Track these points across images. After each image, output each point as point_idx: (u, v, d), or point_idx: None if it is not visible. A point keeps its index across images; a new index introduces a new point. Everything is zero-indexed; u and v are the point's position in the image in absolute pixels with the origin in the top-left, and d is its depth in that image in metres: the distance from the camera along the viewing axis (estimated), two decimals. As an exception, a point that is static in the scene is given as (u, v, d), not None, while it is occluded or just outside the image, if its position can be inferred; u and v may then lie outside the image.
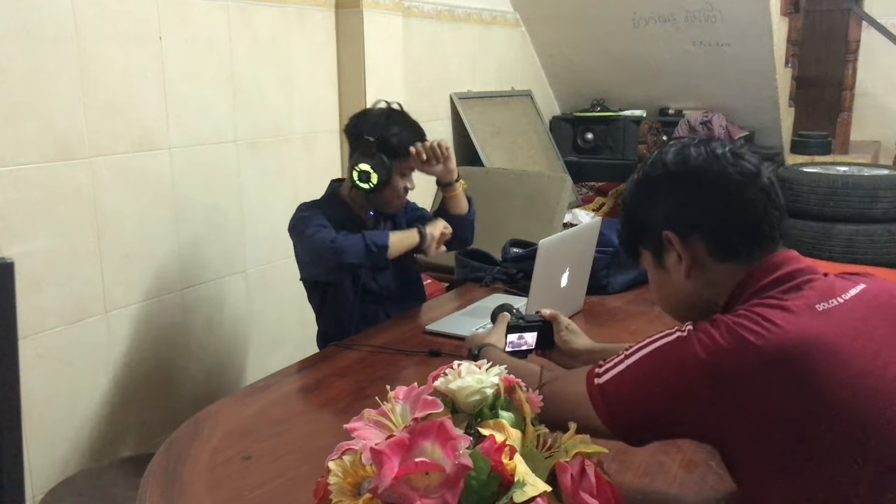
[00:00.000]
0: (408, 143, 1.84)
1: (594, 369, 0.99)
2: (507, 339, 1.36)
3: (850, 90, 5.11)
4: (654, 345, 0.95)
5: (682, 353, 0.91)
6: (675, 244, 1.01)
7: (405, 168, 1.87)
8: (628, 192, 1.11)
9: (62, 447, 1.97)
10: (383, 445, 0.83)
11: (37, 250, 1.86)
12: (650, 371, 0.93)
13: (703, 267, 1.01)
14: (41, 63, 1.84)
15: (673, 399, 0.91)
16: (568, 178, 3.37)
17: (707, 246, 1.00)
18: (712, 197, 0.99)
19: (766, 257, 0.98)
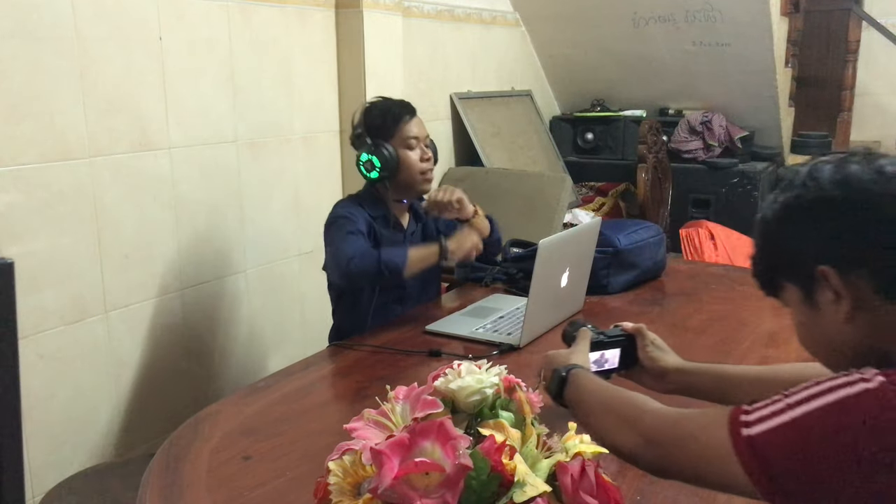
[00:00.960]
0: (394, 116, 1.88)
1: (738, 414, 0.81)
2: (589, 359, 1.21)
3: (850, 90, 5.11)
4: (832, 396, 0.77)
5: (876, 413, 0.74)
6: (832, 281, 0.85)
7: (406, 139, 1.88)
8: (770, 216, 0.92)
9: (62, 447, 1.96)
10: (383, 445, 0.83)
11: (37, 250, 1.86)
12: (828, 430, 0.75)
13: (868, 308, 0.84)
14: (41, 63, 1.84)
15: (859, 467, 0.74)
16: (568, 178, 3.37)
17: (876, 284, 0.83)
18: (883, 223, 0.83)
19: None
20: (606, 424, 0.96)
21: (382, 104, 1.93)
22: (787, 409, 0.78)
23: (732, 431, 0.80)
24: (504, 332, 1.71)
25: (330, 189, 2.74)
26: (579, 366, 1.11)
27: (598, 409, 1.00)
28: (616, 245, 2.02)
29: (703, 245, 3.53)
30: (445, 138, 3.47)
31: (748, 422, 0.80)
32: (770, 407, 0.79)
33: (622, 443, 0.92)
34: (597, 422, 0.98)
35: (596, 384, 1.04)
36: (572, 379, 1.07)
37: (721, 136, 3.96)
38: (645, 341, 1.25)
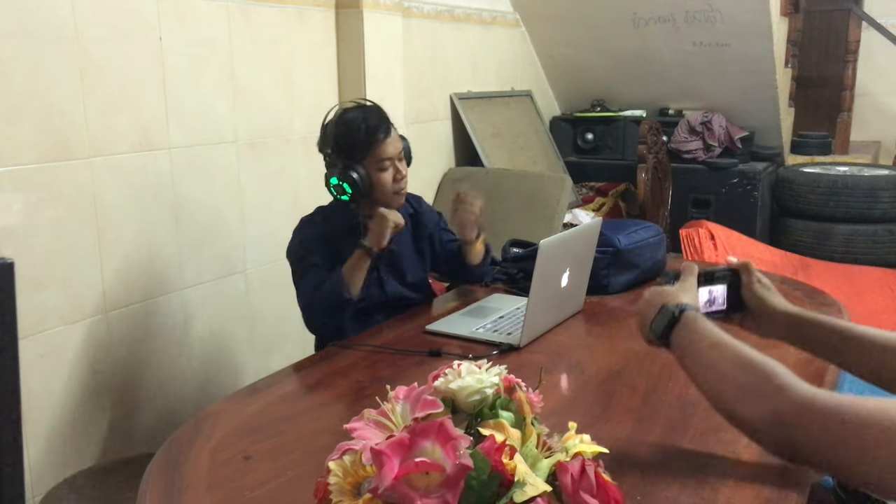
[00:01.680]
0: (367, 137, 1.79)
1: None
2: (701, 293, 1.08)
3: (850, 90, 5.11)
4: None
5: None
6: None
7: (378, 161, 1.80)
8: None
9: (62, 447, 1.96)
10: (383, 445, 0.83)
11: (37, 250, 1.86)
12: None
13: None
14: (41, 63, 1.84)
15: None
16: (568, 178, 3.37)
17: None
18: None
19: None
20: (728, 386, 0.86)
21: (355, 119, 1.80)
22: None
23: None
24: (504, 332, 1.71)
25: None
26: (691, 306, 0.98)
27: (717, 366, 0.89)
28: (616, 245, 2.02)
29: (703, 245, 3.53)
30: (445, 138, 3.47)
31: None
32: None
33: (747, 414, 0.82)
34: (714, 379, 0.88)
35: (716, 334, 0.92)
36: (685, 320, 0.94)
37: (721, 137, 3.96)
38: (752, 278, 1.12)
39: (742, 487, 1.08)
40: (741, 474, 1.11)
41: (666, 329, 0.97)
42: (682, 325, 0.95)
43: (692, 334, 0.93)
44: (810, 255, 3.88)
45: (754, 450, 1.17)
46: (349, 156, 1.80)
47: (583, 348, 1.70)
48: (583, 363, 1.59)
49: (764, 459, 1.14)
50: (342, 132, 1.81)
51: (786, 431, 0.78)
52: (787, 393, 0.80)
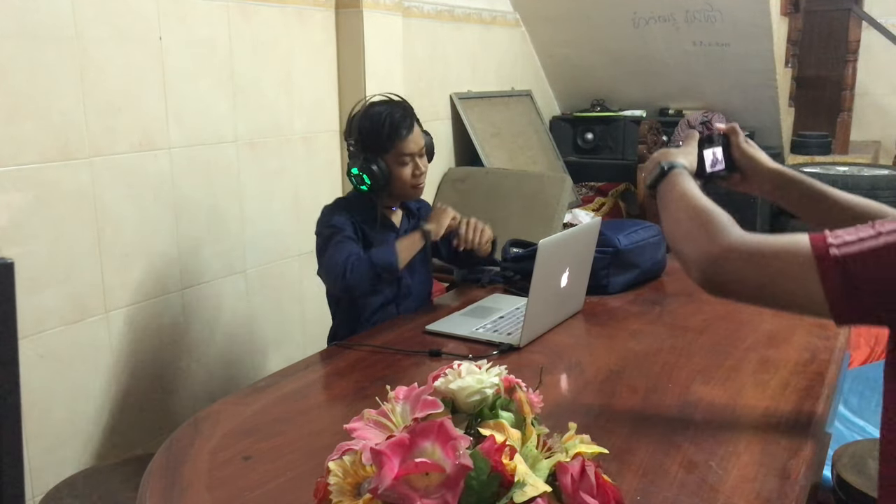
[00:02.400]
0: (391, 132, 1.83)
1: (823, 236, 0.89)
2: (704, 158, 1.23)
3: (850, 90, 5.11)
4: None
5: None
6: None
7: (399, 156, 1.86)
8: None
9: (62, 447, 1.97)
10: (383, 445, 0.83)
11: (37, 250, 1.86)
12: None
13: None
14: (41, 63, 1.84)
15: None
16: (568, 178, 3.37)
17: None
18: None
19: None
20: (685, 228, 1.02)
21: (381, 113, 1.85)
22: (878, 235, 0.86)
23: (817, 248, 0.88)
24: (504, 332, 1.71)
25: (330, 189, 2.74)
26: (684, 165, 1.16)
27: (682, 211, 1.05)
28: (616, 245, 2.02)
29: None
30: (445, 138, 3.47)
31: (833, 243, 0.87)
32: (858, 234, 0.87)
33: (694, 249, 0.98)
34: (677, 223, 1.04)
35: (687, 188, 1.09)
36: (671, 175, 1.13)
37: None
38: (739, 138, 1.27)
39: (742, 487, 1.08)
40: (741, 474, 1.11)
41: (654, 182, 1.15)
42: (666, 180, 1.13)
43: (670, 186, 1.12)
44: (810, 255, 3.87)
45: (754, 450, 1.18)
46: (371, 148, 1.85)
47: (583, 348, 1.70)
48: (583, 363, 1.59)
49: (764, 459, 1.15)
50: (366, 125, 1.85)
51: (731, 264, 0.94)
52: (734, 232, 0.97)
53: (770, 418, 1.28)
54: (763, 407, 1.32)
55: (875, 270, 0.85)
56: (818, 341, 1.63)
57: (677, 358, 1.56)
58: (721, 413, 1.31)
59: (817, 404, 1.33)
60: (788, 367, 1.50)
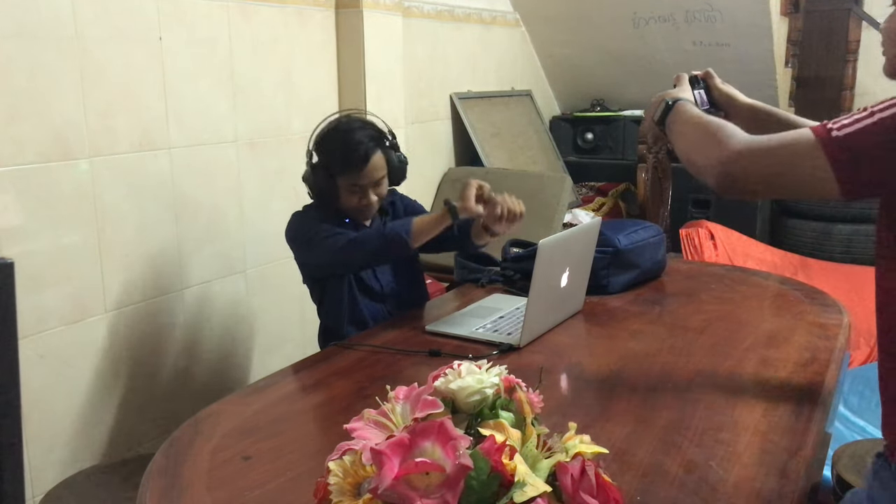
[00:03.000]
0: (349, 162, 1.79)
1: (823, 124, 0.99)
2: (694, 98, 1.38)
3: (850, 90, 5.10)
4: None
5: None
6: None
7: (350, 185, 1.82)
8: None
9: (62, 447, 1.97)
10: (383, 445, 0.83)
11: (37, 250, 1.86)
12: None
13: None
14: (41, 63, 1.84)
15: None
16: (568, 178, 3.37)
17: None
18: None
19: None
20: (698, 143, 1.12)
21: (343, 140, 1.81)
22: (872, 114, 0.96)
23: (820, 134, 0.97)
24: (504, 332, 1.71)
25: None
26: (684, 98, 1.29)
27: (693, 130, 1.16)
28: (616, 245, 2.02)
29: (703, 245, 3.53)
30: (445, 138, 3.47)
31: (835, 127, 0.97)
32: (854, 116, 0.97)
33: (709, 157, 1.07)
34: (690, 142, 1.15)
35: (697, 112, 1.21)
36: (677, 107, 1.24)
37: (721, 136, 3.95)
38: (716, 81, 1.44)
39: (742, 487, 1.08)
40: (741, 474, 1.11)
41: (662, 116, 1.27)
42: (674, 111, 1.25)
43: (678, 115, 1.23)
44: (810, 255, 3.87)
45: (754, 450, 1.18)
46: (325, 168, 1.84)
47: (583, 348, 1.70)
48: (583, 363, 1.59)
49: (764, 459, 1.15)
50: (328, 146, 1.84)
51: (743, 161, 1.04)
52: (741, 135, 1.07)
53: (770, 418, 1.28)
54: (763, 407, 1.32)
55: (873, 142, 0.95)
56: (818, 341, 1.63)
57: (677, 358, 1.56)
58: (721, 413, 1.31)
59: (817, 404, 1.33)
60: (788, 367, 1.50)
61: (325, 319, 1.99)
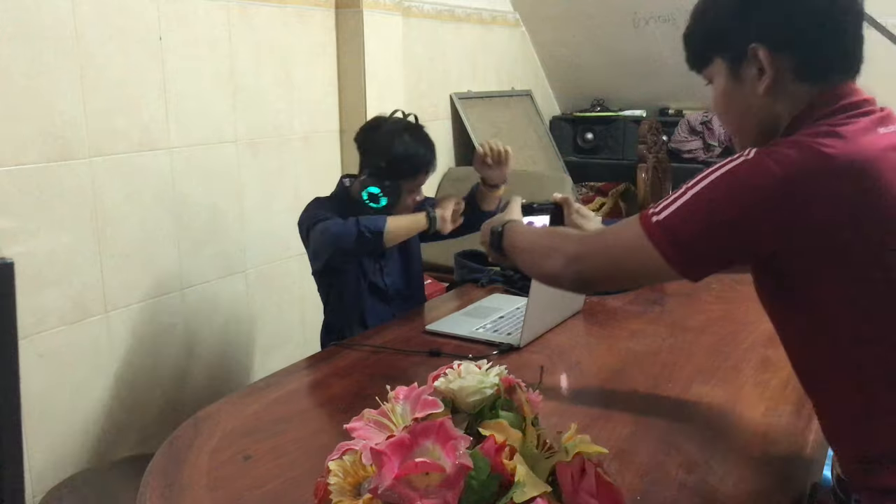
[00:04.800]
0: (417, 166, 1.87)
1: (647, 211, 0.98)
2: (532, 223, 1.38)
3: (851, 90, 5.11)
4: (720, 171, 0.93)
5: (755, 172, 0.90)
6: (762, 58, 0.99)
7: (414, 186, 1.90)
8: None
9: (62, 447, 1.97)
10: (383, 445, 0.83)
11: (37, 250, 1.86)
12: (720, 195, 0.92)
13: (782, 84, 0.99)
14: (41, 63, 1.84)
15: (748, 220, 0.91)
16: (568, 178, 3.37)
17: (795, 65, 0.98)
18: (815, 14, 0.98)
19: (840, 83, 0.99)
20: (535, 256, 1.12)
21: (416, 146, 1.87)
22: (686, 191, 0.95)
23: (644, 223, 0.97)
24: (504, 332, 1.71)
25: (330, 189, 2.72)
26: (514, 220, 1.27)
27: (528, 246, 1.16)
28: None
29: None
30: (445, 138, 3.47)
31: (654, 212, 0.96)
32: (671, 197, 0.96)
33: (551, 266, 1.08)
34: (528, 257, 1.15)
35: (526, 228, 1.21)
36: (506, 232, 1.23)
37: (721, 136, 3.95)
38: (570, 210, 1.40)
39: (742, 487, 1.08)
40: (741, 474, 1.11)
41: (495, 243, 1.24)
42: (506, 235, 1.23)
43: (511, 238, 1.22)
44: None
45: (754, 450, 1.18)
46: (394, 173, 1.85)
47: (583, 348, 1.70)
48: (583, 363, 1.59)
49: (764, 459, 1.15)
50: (401, 153, 1.85)
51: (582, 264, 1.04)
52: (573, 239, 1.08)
53: (770, 418, 1.28)
54: (763, 407, 1.32)
55: (692, 221, 0.93)
56: (818, 341, 1.63)
57: (677, 358, 1.56)
58: (721, 413, 1.31)
59: (817, 404, 1.33)
60: (788, 367, 1.48)
61: (330, 317, 1.99)
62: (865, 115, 0.96)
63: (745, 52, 1.00)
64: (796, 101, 0.99)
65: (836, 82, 0.99)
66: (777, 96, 1.00)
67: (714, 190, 0.92)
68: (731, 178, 0.92)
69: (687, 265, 0.95)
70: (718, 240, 0.93)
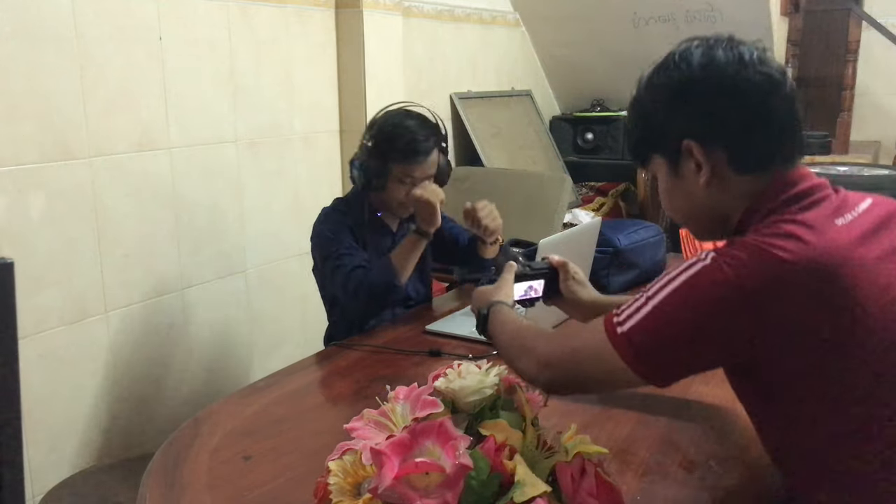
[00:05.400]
0: (402, 150, 1.81)
1: (612, 318, 0.97)
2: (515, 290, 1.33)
3: (850, 90, 5.11)
4: (678, 280, 0.93)
5: (711, 282, 0.89)
6: (696, 153, 0.98)
7: (403, 176, 1.82)
8: (643, 94, 1.05)
9: (62, 447, 1.96)
10: (383, 445, 0.83)
11: (37, 250, 1.86)
12: (679, 307, 0.91)
13: (722, 178, 0.98)
14: (41, 63, 1.83)
15: (708, 331, 0.90)
16: (568, 178, 3.36)
17: (728, 157, 0.97)
18: (740, 106, 0.96)
19: (784, 171, 0.96)
20: (512, 354, 1.11)
21: (408, 127, 1.83)
22: (647, 301, 0.94)
23: (609, 332, 0.96)
24: (504, 332, 1.70)
25: (330, 189, 2.74)
26: (500, 301, 1.25)
27: (507, 341, 1.15)
28: (616, 245, 2.02)
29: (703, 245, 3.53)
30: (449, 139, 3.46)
31: (619, 321, 0.95)
32: (634, 305, 0.95)
33: (524, 368, 1.06)
34: (506, 352, 1.14)
35: (509, 318, 1.19)
36: (492, 315, 1.22)
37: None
38: (566, 275, 1.38)
39: (742, 487, 1.08)
40: (741, 474, 1.11)
41: (482, 329, 1.24)
42: (491, 319, 1.22)
43: (495, 323, 1.21)
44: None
45: (754, 450, 1.18)
46: (380, 154, 1.81)
47: (583, 348, 1.70)
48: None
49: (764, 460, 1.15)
50: (388, 132, 1.82)
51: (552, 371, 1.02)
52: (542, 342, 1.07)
53: (770, 418, 1.28)
54: (763, 407, 1.32)
55: (654, 334, 0.92)
56: (818, 341, 1.63)
57: (677, 358, 1.56)
58: (721, 413, 1.31)
59: (817, 404, 1.33)
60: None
61: (333, 326, 1.97)
62: (817, 203, 0.93)
63: (678, 147, 0.99)
64: (741, 191, 0.98)
65: (781, 170, 0.97)
66: (720, 188, 0.99)
67: (673, 303, 0.92)
68: (689, 289, 0.91)
69: (654, 376, 0.95)
70: (681, 352, 0.93)
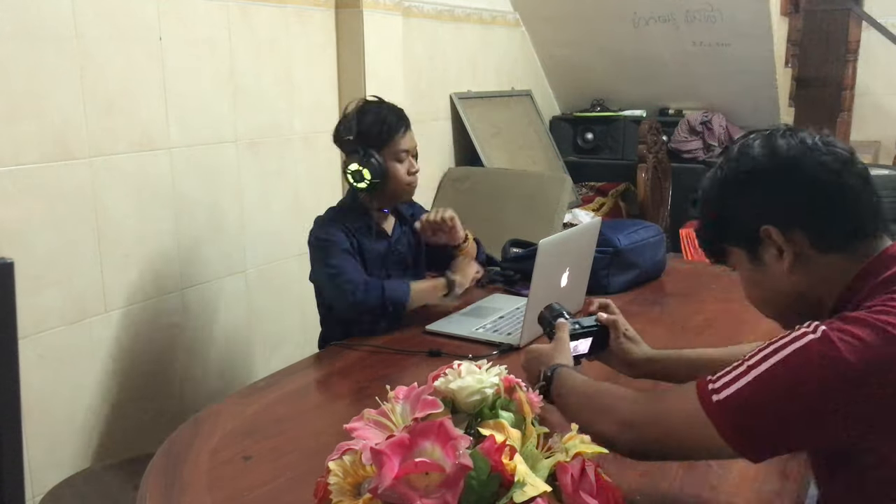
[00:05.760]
0: (389, 128, 1.84)
1: (706, 384, 0.92)
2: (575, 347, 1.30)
3: (850, 90, 5.11)
4: (786, 351, 0.87)
5: (825, 358, 0.84)
6: (775, 238, 0.97)
7: (397, 152, 1.85)
8: (710, 191, 1.04)
9: (62, 447, 1.96)
10: (383, 445, 0.83)
11: (37, 250, 1.86)
12: (787, 382, 0.86)
13: (807, 260, 0.97)
14: (41, 63, 1.83)
15: (817, 410, 0.85)
16: (568, 178, 3.37)
17: (809, 237, 0.96)
18: (811, 185, 0.96)
19: (880, 248, 0.95)
20: (587, 416, 1.04)
21: (378, 111, 1.87)
22: (748, 370, 0.88)
23: (703, 400, 0.90)
24: (504, 332, 1.71)
25: (330, 189, 2.74)
26: (562, 364, 1.19)
27: (579, 404, 1.10)
28: (616, 245, 2.02)
29: (703, 245, 3.53)
30: (445, 138, 3.47)
31: (716, 389, 0.90)
32: (732, 373, 0.90)
33: (602, 430, 1.00)
34: (579, 415, 1.06)
35: (578, 381, 1.13)
36: (556, 378, 1.15)
37: (721, 136, 3.96)
38: (618, 333, 1.33)
39: (742, 487, 1.08)
40: (741, 474, 1.11)
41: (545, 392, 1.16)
42: (555, 382, 1.15)
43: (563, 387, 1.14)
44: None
45: (754, 450, 1.17)
46: (369, 144, 1.83)
47: (583, 348, 1.70)
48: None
49: (764, 459, 1.14)
50: (366, 121, 1.85)
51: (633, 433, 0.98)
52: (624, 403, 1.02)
53: (770, 418, 1.28)
54: (763, 407, 1.32)
55: (756, 407, 0.87)
56: (818, 341, 1.62)
57: (677, 358, 1.55)
58: (721, 413, 1.31)
59: (817, 404, 1.33)
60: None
61: (328, 330, 1.96)
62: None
63: (757, 236, 0.98)
64: (830, 272, 0.96)
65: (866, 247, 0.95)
66: (806, 271, 0.97)
67: (777, 374, 0.86)
68: (799, 362, 0.86)
69: (751, 451, 0.90)
70: (785, 429, 0.87)
